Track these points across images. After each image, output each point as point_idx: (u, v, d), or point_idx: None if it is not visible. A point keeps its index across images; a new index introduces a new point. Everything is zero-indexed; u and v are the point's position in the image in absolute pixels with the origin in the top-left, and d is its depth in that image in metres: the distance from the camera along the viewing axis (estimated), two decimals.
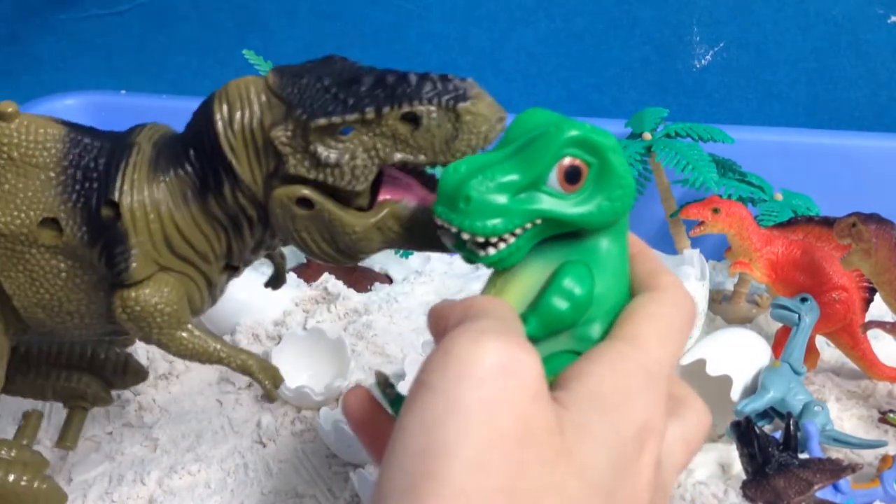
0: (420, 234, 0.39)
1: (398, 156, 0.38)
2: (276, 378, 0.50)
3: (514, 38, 0.93)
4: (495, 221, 0.29)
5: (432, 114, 0.37)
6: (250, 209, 0.42)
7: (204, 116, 0.41)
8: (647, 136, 0.78)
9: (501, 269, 0.31)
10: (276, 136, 0.39)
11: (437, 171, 0.37)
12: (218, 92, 0.41)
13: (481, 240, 0.29)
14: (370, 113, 0.37)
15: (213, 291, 0.48)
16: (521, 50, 0.93)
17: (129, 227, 0.43)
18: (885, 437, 0.63)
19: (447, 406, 0.23)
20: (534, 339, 0.29)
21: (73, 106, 0.90)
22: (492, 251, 0.30)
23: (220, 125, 0.40)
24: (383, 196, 0.39)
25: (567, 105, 0.95)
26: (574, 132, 0.30)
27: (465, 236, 0.30)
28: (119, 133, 0.46)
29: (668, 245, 0.81)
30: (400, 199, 0.39)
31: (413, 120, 0.37)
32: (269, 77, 0.40)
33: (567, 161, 0.30)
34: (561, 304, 0.30)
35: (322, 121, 0.37)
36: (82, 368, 0.57)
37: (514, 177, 0.29)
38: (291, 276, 0.78)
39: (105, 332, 0.49)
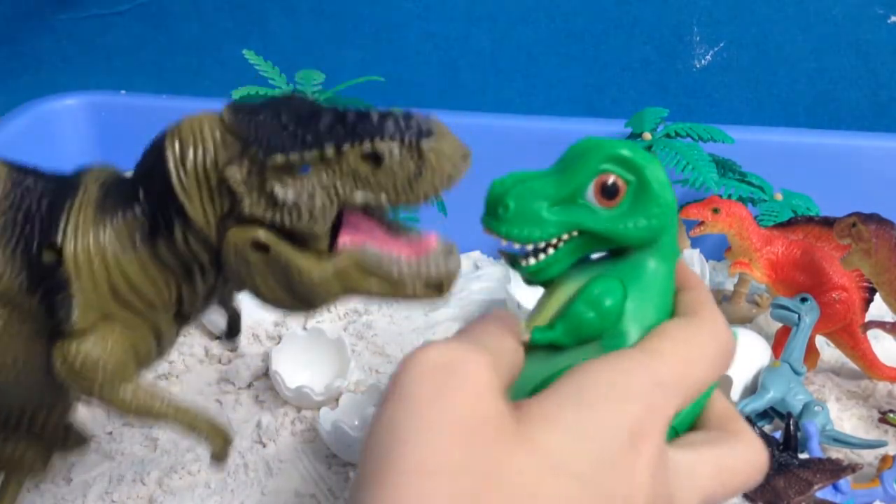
0: (383, 282, 0.37)
1: (359, 195, 0.36)
2: (226, 439, 0.46)
3: (514, 38, 0.93)
4: (532, 229, 0.31)
5: (394, 151, 0.35)
6: (202, 254, 0.40)
7: (155, 155, 0.39)
8: (647, 136, 0.78)
9: (549, 287, 0.32)
10: (230, 175, 0.36)
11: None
12: (170, 129, 0.39)
13: (519, 248, 0.31)
14: (330, 150, 0.35)
15: (162, 342, 0.45)
16: (521, 50, 0.93)
17: (72, 272, 0.40)
18: (885, 437, 0.63)
19: (400, 403, 0.25)
20: (561, 346, 0.31)
21: (73, 106, 0.90)
22: (532, 261, 0.31)
23: (171, 163, 0.38)
24: (343, 240, 0.37)
25: (567, 105, 0.95)
26: (614, 149, 0.31)
27: (503, 243, 0.31)
28: (65, 174, 0.43)
29: None
30: (361, 244, 0.37)
31: (374, 158, 0.35)
32: (224, 113, 0.38)
33: (605, 177, 0.31)
34: (587, 311, 0.31)
35: (279, 158, 0.35)
36: (19, 432, 0.51)
37: (552, 189, 0.31)
38: None
39: (43, 390, 0.46)
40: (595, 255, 0.33)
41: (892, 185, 0.82)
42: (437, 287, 0.37)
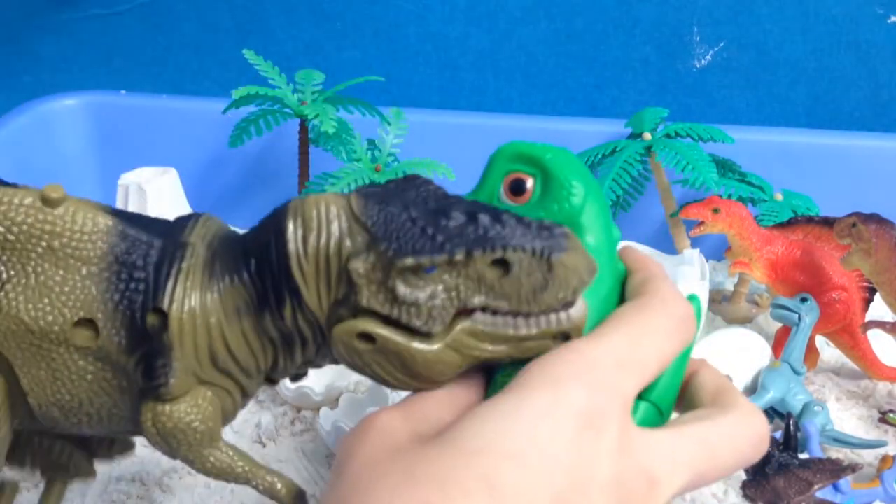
0: (505, 341, 0.35)
1: (479, 299, 0.34)
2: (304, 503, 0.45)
3: (514, 38, 0.93)
4: None
5: (524, 262, 0.33)
6: (307, 331, 0.38)
7: (274, 229, 0.37)
8: (647, 136, 0.78)
9: None
10: (354, 269, 0.35)
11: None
12: (293, 205, 0.37)
13: None
14: (460, 255, 0.34)
15: (246, 401, 0.44)
16: (521, 50, 0.93)
17: (176, 340, 0.38)
18: (885, 437, 0.63)
19: (334, 469, 0.32)
20: None
21: (73, 106, 0.90)
22: None
23: (292, 245, 0.36)
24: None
25: (567, 105, 0.95)
26: (513, 149, 0.34)
27: None
28: (169, 225, 0.42)
29: (668, 245, 0.81)
30: (471, 314, 0.35)
31: (503, 265, 0.34)
32: (352, 200, 0.36)
33: (510, 176, 0.34)
34: None
35: (410, 261, 0.34)
36: (65, 437, 0.51)
37: (472, 196, 0.34)
38: None
39: (119, 431, 0.45)
40: None
41: (892, 185, 0.82)
42: (565, 337, 0.34)
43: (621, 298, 0.34)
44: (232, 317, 0.39)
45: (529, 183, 0.34)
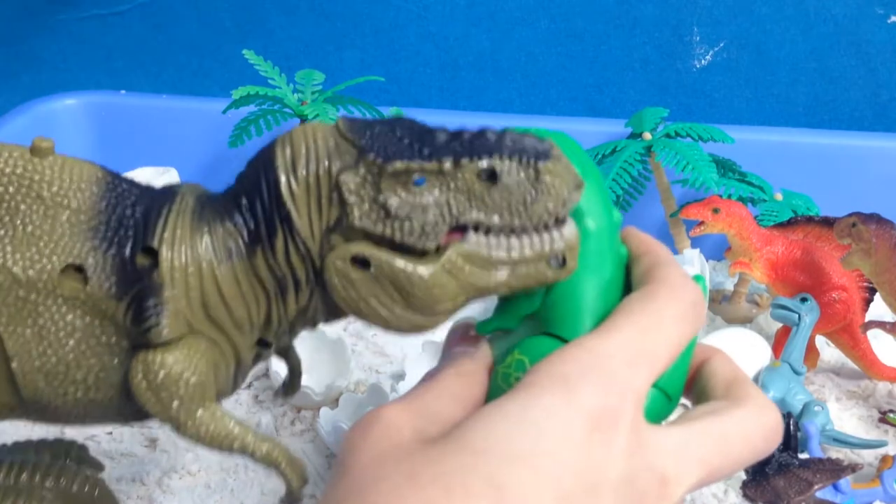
0: (502, 267, 0.35)
1: (471, 214, 0.34)
2: (302, 474, 0.43)
3: (514, 38, 0.93)
4: None
5: (512, 170, 0.34)
6: (300, 270, 0.38)
7: (262, 162, 0.38)
8: (647, 136, 0.78)
9: None
10: (344, 182, 0.35)
11: None
12: (280, 137, 0.38)
13: None
14: (448, 163, 0.34)
15: (239, 371, 0.43)
16: (521, 50, 0.93)
17: (167, 277, 0.38)
18: (885, 437, 0.63)
19: (336, 463, 0.31)
20: (507, 330, 0.34)
21: (73, 106, 0.90)
22: None
23: (281, 170, 0.36)
24: (442, 239, 0.35)
25: (567, 105, 0.95)
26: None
27: None
28: (157, 187, 0.42)
29: (668, 245, 0.80)
30: (461, 238, 0.35)
31: (491, 176, 0.34)
32: (339, 122, 0.37)
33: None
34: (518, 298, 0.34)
35: (399, 164, 0.34)
36: (45, 490, 0.48)
37: None
38: None
39: (107, 415, 0.43)
40: None
41: (892, 185, 0.82)
42: (562, 261, 0.34)
43: (626, 283, 0.34)
44: (224, 260, 0.38)
45: None
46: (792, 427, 0.57)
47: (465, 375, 0.33)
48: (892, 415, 0.64)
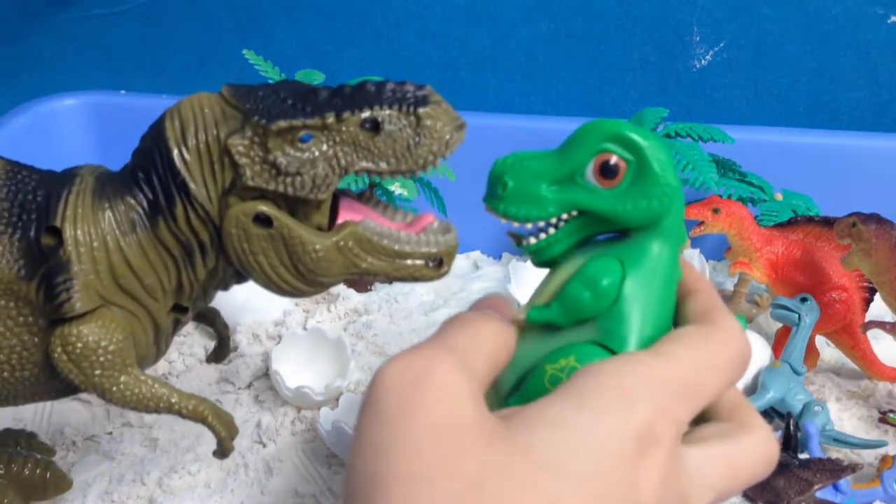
0: (384, 256, 0.38)
1: (360, 164, 0.37)
2: (231, 427, 0.46)
3: (514, 38, 0.93)
4: (530, 208, 0.31)
5: (392, 118, 0.36)
6: (203, 233, 0.40)
7: (154, 135, 0.39)
8: None
9: (552, 268, 0.32)
10: (233, 145, 0.37)
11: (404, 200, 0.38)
12: (169, 109, 0.39)
13: (519, 226, 0.31)
14: (330, 117, 0.36)
15: (159, 338, 0.44)
16: (521, 50, 0.93)
17: (73, 254, 0.40)
18: (885, 437, 0.63)
19: (374, 418, 0.26)
20: (557, 326, 0.31)
21: (72, 106, 0.90)
22: (532, 240, 0.32)
23: (172, 140, 0.38)
24: (343, 218, 0.38)
25: (567, 105, 0.95)
26: (614, 129, 0.30)
27: (503, 222, 0.31)
28: (57, 171, 0.44)
29: None
30: (360, 221, 0.38)
31: (373, 125, 0.36)
32: (223, 91, 0.39)
33: (604, 156, 0.30)
34: (582, 291, 0.30)
35: (282, 123, 0.36)
36: None
37: (552, 168, 0.31)
38: None
39: (35, 392, 0.45)
40: (603, 238, 0.32)
41: (892, 185, 0.82)
42: (438, 262, 0.38)
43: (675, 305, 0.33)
44: (128, 232, 0.40)
45: (623, 169, 0.30)
46: (792, 427, 0.57)
47: (502, 334, 0.30)
48: (892, 415, 0.64)
